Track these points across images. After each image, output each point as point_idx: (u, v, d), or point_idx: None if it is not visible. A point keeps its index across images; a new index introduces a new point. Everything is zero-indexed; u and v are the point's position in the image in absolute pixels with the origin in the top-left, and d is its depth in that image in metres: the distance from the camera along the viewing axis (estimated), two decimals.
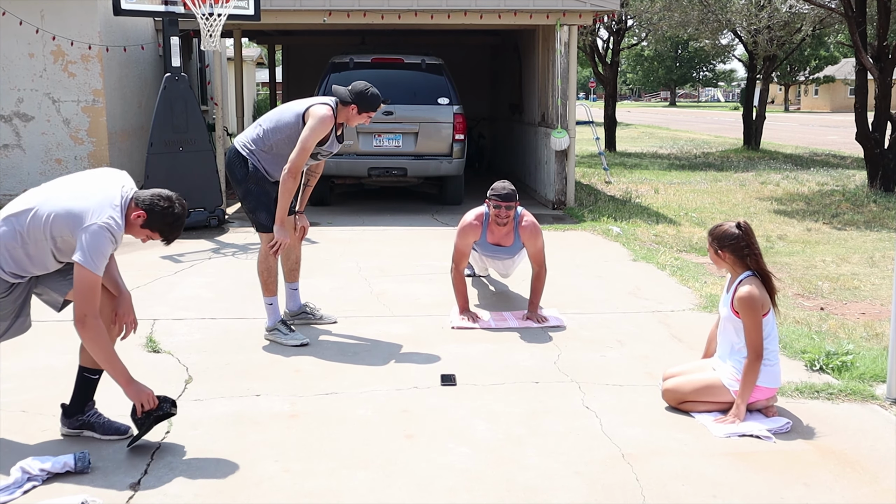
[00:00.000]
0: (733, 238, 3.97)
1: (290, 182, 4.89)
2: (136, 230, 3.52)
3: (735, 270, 4.03)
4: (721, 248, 4.00)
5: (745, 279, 3.98)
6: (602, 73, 23.64)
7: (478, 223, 5.78)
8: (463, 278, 5.78)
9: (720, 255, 4.02)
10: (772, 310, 3.99)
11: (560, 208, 10.86)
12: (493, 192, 5.63)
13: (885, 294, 6.59)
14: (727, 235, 3.98)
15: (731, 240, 3.97)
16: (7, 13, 9.96)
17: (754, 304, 3.88)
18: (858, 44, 12.54)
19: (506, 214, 5.60)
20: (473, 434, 3.82)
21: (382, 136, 10.44)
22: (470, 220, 5.80)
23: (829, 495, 3.29)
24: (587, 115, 16.30)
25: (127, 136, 11.41)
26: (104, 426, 3.74)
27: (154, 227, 3.51)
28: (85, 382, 3.75)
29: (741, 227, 3.99)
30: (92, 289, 3.35)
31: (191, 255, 7.79)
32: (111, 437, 3.72)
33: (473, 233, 5.77)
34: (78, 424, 3.74)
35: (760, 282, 3.97)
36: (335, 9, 10.40)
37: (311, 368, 4.72)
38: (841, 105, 59.51)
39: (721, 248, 4.00)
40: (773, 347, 4.01)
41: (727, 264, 4.04)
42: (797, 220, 10.44)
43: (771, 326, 4.00)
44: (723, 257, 4.01)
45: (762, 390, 3.96)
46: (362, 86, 4.99)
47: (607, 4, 10.60)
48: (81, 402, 3.76)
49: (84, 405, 3.76)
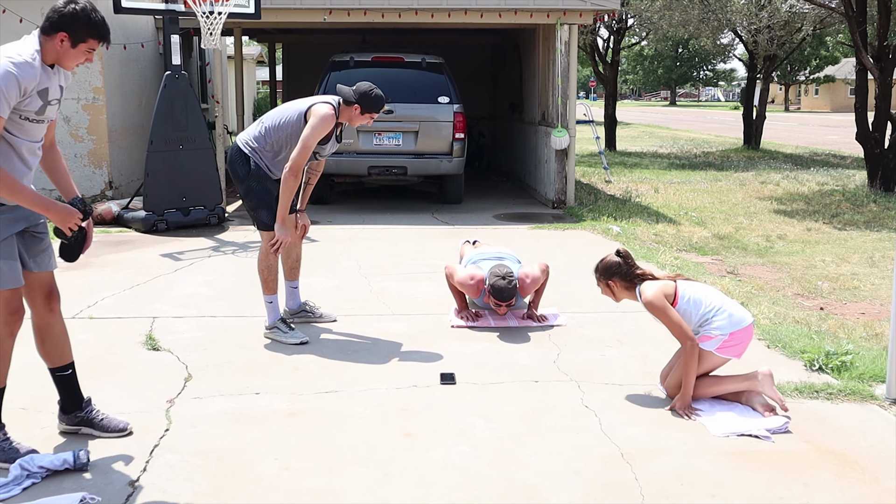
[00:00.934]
0: (618, 266, 4.21)
1: (292, 180, 4.89)
2: (65, 51, 3.24)
3: (628, 293, 4.25)
4: (609, 278, 4.23)
5: (640, 289, 4.18)
6: (602, 72, 23.65)
7: (477, 287, 5.56)
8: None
9: (611, 284, 4.23)
10: (677, 289, 4.15)
11: (560, 207, 10.86)
12: (492, 287, 5.37)
13: (884, 294, 6.59)
14: (612, 265, 4.22)
15: (616, 268, 4.21)
16: (7, 11, 9.95)
17: (659, 302, 4.09)
18: (859, 43, 12.53)
19: (504, 309, 5.49)
20: (473, 433, 3.82)
21: (383, 134, 10.44)
22: (469, 283, 5.56)
23: (828, 495, 3.29)
24: (587, 114, 16.29)
25: (127, 134, 11.41)
26: (102, 423, 3.73)
27: (75, 33, 3.22)
28: (59, 381, 3.68)
29: (620, 253, 4.26)
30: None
31: (191, 253, 7.79)
32: (109, 434, 3.71)
33: (473, 293, 5.62)
34: (76, 421, 3.73)
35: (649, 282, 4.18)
36: (336, 7, 10.39)
37: (310, 367, 4.72)
38: (841, 105, 59.49)
39: (609, 278, 4.23)
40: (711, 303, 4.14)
41: (621, 291, 4.25)
42: (797, 220, 10.44)
43: (691, 300, 4.14)
44: (614, 286, 4.23)
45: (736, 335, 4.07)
46: (366, 86, 4.99)
47: (608, 4, 10.60)
48: (74, 400, 3.72)
49: (79, 402, 3.72)
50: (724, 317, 4.10)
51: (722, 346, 4.08)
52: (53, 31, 3.22)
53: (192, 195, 9.09)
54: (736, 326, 4.09)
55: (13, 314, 3.37)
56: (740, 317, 4.14)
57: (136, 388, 4.31)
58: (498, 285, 5.37)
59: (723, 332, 4.06)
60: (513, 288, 5.39)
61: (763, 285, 6.84)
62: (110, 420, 3.75)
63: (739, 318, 4.13)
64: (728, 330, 4.07)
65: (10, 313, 3.36)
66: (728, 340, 4.08)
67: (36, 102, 3.21)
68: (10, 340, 3.40)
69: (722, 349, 4.09)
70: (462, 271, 5.66)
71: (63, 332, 3.65)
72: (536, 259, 6.51)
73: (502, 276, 5.39)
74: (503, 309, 5.46)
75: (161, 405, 4.09)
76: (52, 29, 3.22)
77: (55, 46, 3.23)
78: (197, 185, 9.12)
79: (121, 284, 6.35)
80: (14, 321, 3.38)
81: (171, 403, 4.13)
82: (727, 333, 4.07)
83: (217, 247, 8.18)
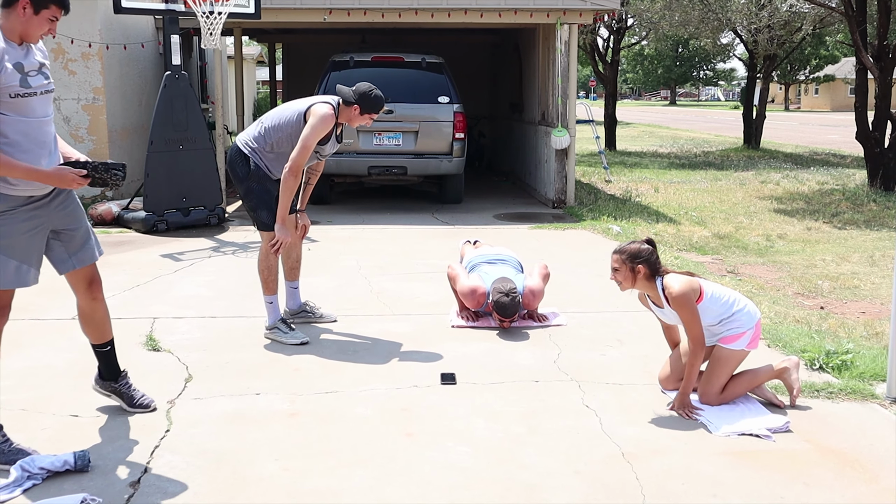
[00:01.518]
0: (648, 253, 4.12)
1: (292, 181, 4.89)
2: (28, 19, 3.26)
3: (648, 284, 4.14)
4: (637, 264, 4.11)
5: (664, 283, 4.10)
6: (602, 71, 23.64)
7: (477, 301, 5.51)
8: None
9: (636, 270, 4.11)
10: (702, 287, 4.11)
11: (560, 207, 10.86)
12: (497, 304, 5.32)
13: (884, 293, 6.59)
14: (642, 252, 4.13)
15: (647, 255, 4.12)
16: None
17: (688, 297, 4.02)
18: (859, 43, 12.53)
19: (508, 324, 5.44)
20: (473, 433, 3.82)
21: (383, 134, 10.44)
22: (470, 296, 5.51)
23: (828, 494, 3.29)
24: (587, 113, 16.29)
25: (127, 134, 11.41)
26: (133, 397, 3.97)
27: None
28: (100, 355, 3.92)
29: (650, 242, 4.18)
30: None
31: (191, 254, 7.79)
32: (135, 410, 3.95)
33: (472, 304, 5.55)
34: (111, 389, 3.97)
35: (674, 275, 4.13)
36: (336, 7, 10.39)
37: (310, 367, 4.72)
38: (841, 104, 59.49)
39: (637, 264, 4.11)
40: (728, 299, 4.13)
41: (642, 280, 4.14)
42: (797, 220, 10.43)
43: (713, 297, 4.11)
44: (638, 272, 4.11)
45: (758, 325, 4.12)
46: (366, 87, 4.99)
47: (608, 3, 10.59)
48: (112, 371, 3.96)
49: (116, 375, 3.97)
50: (745, 311, 4.13)
51: (752, 339, 4.12)
52: (15, 1, 3.23)
53: (192, 195, 9.09)
54: (756, 317, 4.16)
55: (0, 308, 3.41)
56: (754, 307, 4.21)
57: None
58: (502, 302, 5.31)
59: (750, 327, 4.10)
60: (516, 304, 5.34)
61: (763, 285, 6.84)
62: (141, 397, 4.00)
63: (754, 308, 4.20)
64: (753, 322, 4.12)
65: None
66: (755, 332, 4.13)
67: (14, 76, 3.22)
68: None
69: (751, 343, 4.12)
70: (464, 280, 5.59)
71: (105, 314, 3.87)
72: (536, 259, 6.52)
73: (506, 293, 5.32)
74: (507, 324, 5.43)
75: (161, 406, 4.09)
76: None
77: (19, 16, 3.24)
78: (197, 185, 9.12)
79: (121, 285, 6.35)
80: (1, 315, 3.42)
81: (171, 404, 4.13)
82: (753, 325, 4.11)
83: (217, 247, 8.18)
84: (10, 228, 3.33)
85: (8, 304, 3.44)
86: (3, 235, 3.32)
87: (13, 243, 3.34)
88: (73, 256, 3.60)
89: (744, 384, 4.17)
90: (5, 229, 3.32)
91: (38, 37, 3.33)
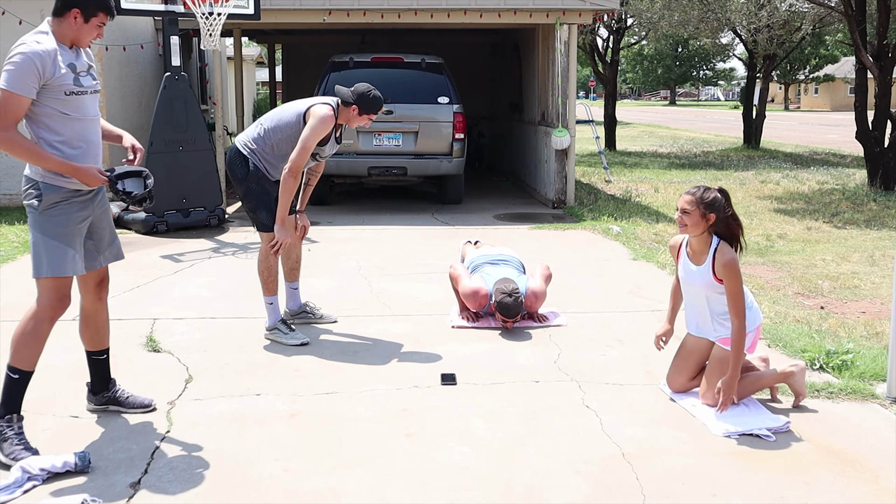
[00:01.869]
0: (722, 206, 4.02)
1: (291, 182, 4.89)
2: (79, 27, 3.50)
3: (707, 237, 4.05)
4: (710, 211, 4.01)
5: (720, 246, 4.03)
6: (602, 71, 23.64)
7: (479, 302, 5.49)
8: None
9: (707, 218, 4.01)
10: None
11: (560, 207, 10.86)
12: (499, 304, 5.32)
13: (885, 293, 6.59)
14: (718, 201, 4.02)
15: (721, 207, 4.02)
16: (7, 12, 9.96)
17: (738, 268, 3.97)
18: (858, 42, 12.53)
19: (511, 324, 5.43)
20: (473, 433, 3.82)
21: (382, 135, 10.44)
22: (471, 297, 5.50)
23: (829, 494, 3.29)
24: (587, 114, 16.29)
25: None
26: (128, 400, 4.00)
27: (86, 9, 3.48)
28: (94, 363, 3.95)
29: (723, 192, 4.07)
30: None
31: (191, 255, 7.79)
32: (136, 411, 3.98)
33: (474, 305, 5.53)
34: (104, 400, 3.98)
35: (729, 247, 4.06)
36: (335, 8, 10.39)
37: (311, 368, 4.72)
38: (841, 104, 59.49)
39: (710, 211, 4.01)
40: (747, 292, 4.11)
41: (705, 233, 4.05)
42: (797, 219, 10.43)
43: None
44: (708, 221, 4.01)
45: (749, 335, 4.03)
46: (364, 88, 4.99)
47: (607, 3, 10.60)
48: (104, 381, 3.98)
49: (107, 383, 3.99)
50: (753, 310, 4.11)
51: (751, 343, 4.09)
52: (66, 10, 3.46)
53: (192, 196, 9.09)
54: (759, 320, 4.14)
55: (60, 300, 3.55)
56: (758, 309, 4.19)
57: (137, 390, 4.29)
58: (505, 303, 5.31)
59: (751, 329, 4.05)
60: (519, 304, 5.34)
61: (763, 284, 6.84)
62: (135, 398, 4.03)
63: (758, 310, 4.18)
64: (755, 325, 4.08)
65: (58, 299, 3.54)
66: (755, 335, 4.10)
67: (69, 75, 3.44)
68: (49, 325, 3.56)
69: (750, 347, 4.09)
70: (467, 282, 5.58)
71: (106, 319, 3.93)
72: (538, 259, 6.52)
73: (508, 294, 5.32)
74: (510, 324, 5.43)
75: (162, 406, 4.09)
76: (64, 8, 3.46)
77: (70, 25, 3.48)
78: (197, 186, 9.12)
79: (121, 286, 6.35)
80: (59, 307, 3.56)
81: (171, 405, 4.13)
82: (754, 329, 4.08)
83: (217, 248, 8.18)
84: (67, 218, 3.52)
85: (68, 293, 3.59)
86: (60, 225, 3.51)
87: (69, 232, 3.53)
88: (102, 255, 3.77)
89: (747, 387, 4.13)
90: (62, 219, 3.51)
91: (89, 42, 3.58)
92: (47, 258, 3.49)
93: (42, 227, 3.49)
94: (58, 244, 3.50)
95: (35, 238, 3.51)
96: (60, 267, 3.50)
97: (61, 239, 3.51)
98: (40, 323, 3.52)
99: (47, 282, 3.51)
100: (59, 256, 3.49)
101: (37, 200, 3.48)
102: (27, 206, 3.53)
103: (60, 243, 3.50)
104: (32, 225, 3.52)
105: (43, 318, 3.52)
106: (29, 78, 3.32)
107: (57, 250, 3.49)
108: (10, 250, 7.73)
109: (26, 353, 3.50)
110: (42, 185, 3.47)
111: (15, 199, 10.50)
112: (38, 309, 3.52)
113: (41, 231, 3.49)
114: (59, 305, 3.54)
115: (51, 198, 3.47)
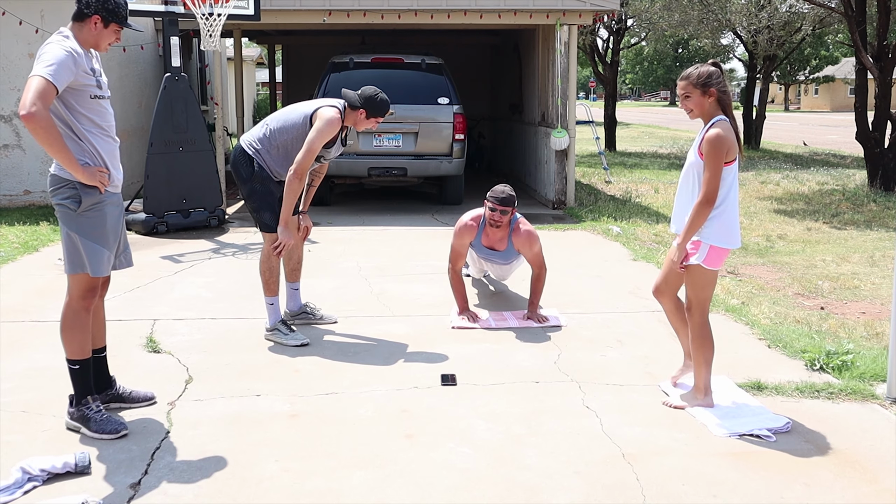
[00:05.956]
0: (718, 76, 3.88)
1: (296, 183, 4.89)
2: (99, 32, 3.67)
3: (710, 113, 3.90)
4: (708, 86, 3.87)
5: (717, 122, 3.87)
6: (602, 72, 23.65)
7: (474, 224, 5.81)
8: (460, 278, 5.79)
9: (710, 92, 3.87)
10: (736, 159, 3.88)
11: (560, 208, 10.86)
12: (491, 194, 5.68)
13: (885, 293, 6.59)
14: (713, 74, 3.88)
15: (717, 77, 3.88)
16: (7, 13, 9.96)
17: (721, 145, 3.78)
18: (858, 43, 12.54)
19: (499, 218, 5.62)
20: (473, 434, 3.82)
21: (382, 135, 10.44)
22: (466, 221, 5.83)
23: (829, 495, 3.29)
24: (587, 114, 16.29)
25: (127, 135, 11.41)
26: (131, 396, 4.08)
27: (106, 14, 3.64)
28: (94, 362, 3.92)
29: (718, 65, 3.94)
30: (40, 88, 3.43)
31: (191, 255, 7.79)
32: (139, 405, 4.06)
33: (469, 233, 5.80)
34: (108, 398, 4.01)
35: (730, 126, 3.88)
36: (335, 9, 10.40)
37: (311, 368, 4.72)
38: (841, 104, 59.50)
39: (708, 86, 3.87)
40: (733, 203, 3.92)
41: (706, 105, 3.89)
42: (797, 220, 10.44)
43: (733, 177, 3.90)
44: (710, 96, 3.88)
45: (718, 251, 3.90)
46: (372, 91, 5.00)
47: (607, 4, 10.60)
48: (105, 380, 4.05)
49: (109, 381, 4.05)
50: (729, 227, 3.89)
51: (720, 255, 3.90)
52: (88, 16, 3.62)
53: (192, 197, 9.09)
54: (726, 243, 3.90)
55: (91, 291, 3.75)
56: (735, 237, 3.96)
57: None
58: (497, 190, 5.67)
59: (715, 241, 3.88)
60: (510, 196, 5.66)
61: (763, 285, 6.84)
62: (137, 392, 4.12)
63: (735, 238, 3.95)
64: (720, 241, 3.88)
65: (89, 290, 3.74)
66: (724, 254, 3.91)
67: (91, 78, 3.63)
68: (86, 314, 3.75)
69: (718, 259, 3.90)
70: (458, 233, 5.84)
71: (104, 318, 4.05)
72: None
73: (500, 189, 5.71)
74: (498, 220, 5.63)
75: (162, 407, 4.09)
76: (85, 14, 3.62)
77: (91, 30, 3.64)
78: (197, 186, 9.12)
79: (121, 287, 6.35)
80: (91, 297, 3.75)
81: (171, 406, 4.13)
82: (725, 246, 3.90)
83: (217, 249, 8.18)
84: (102, 220, 3.66)
85: (98, 285, 3.79)
86: (98, 226, 3.66)
87: (106, 233, 3.68)
88: (117, 259, 3.87)
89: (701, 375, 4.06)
90: (98, 220, 3.65)
91: (107, 46, 3.75)
92: (88, 258, 3.64)
93: (80, 228, 3.62)
94: (96, 245, 3.65)
95: (72, 238, 3.63)
96: (99, 268, 3.67)
97: (99, 240, 3.66)
98: (77, 314, 3.71)
99: (81, 278, 3.68)
100: (98, 257, 3.66)
101: (73, 201, 3.59)
102: (59, 206, 3.63)
103: (98, 245, 3.65)
104: (68, 225, 3.63)
105: (79, 309, 3.71)
106: (65, 72, 3.44)
107: (95, 251, 3.65)
108: (10, 251, 7.73)
109: (77, 344, 3.72)
110: (80, 185, 3.58)
111: (15, 199, 10.50)
112: (72, 301, 3.72)
113: (79, 232, 3.62)
114: (90, 296, 3.75)
115: (90, 199, 3.60)
